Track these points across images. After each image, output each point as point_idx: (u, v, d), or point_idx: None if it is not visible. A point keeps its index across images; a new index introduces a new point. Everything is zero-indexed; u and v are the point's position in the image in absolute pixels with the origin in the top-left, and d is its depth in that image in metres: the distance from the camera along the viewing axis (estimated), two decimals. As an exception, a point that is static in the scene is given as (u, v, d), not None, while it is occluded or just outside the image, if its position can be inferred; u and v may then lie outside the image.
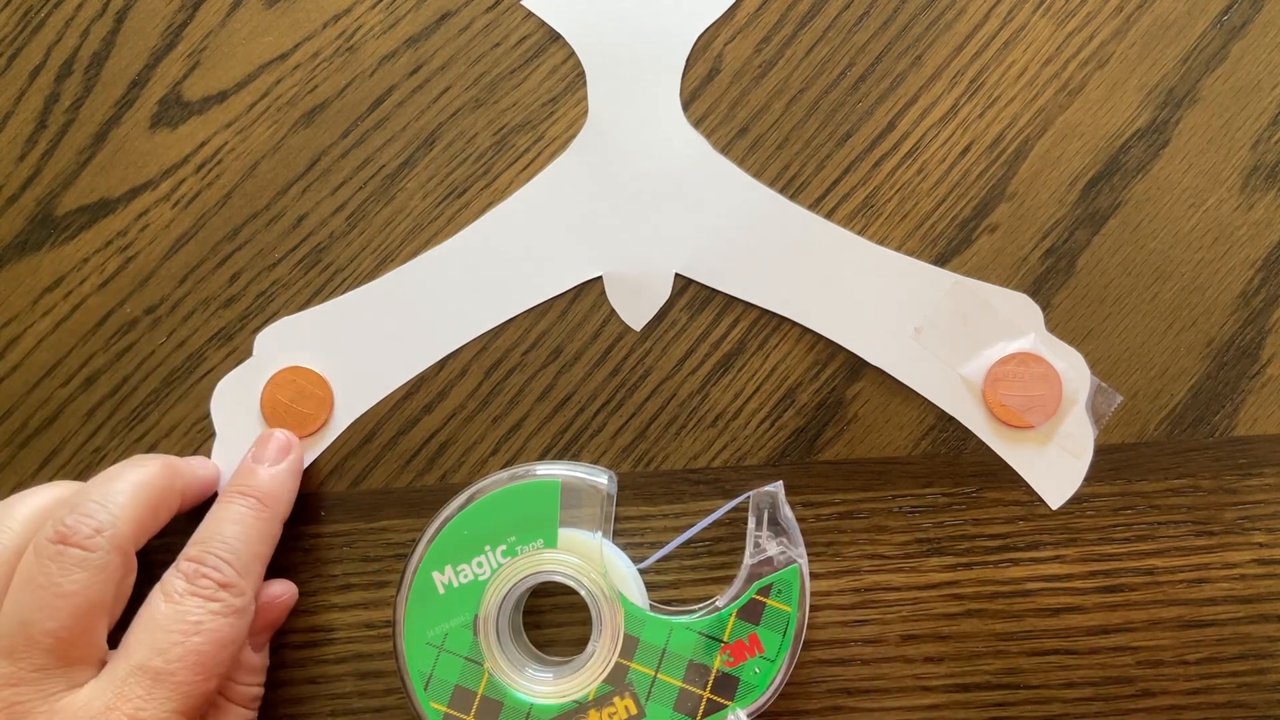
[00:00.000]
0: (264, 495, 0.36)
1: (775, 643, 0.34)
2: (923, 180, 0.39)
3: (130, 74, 0.40)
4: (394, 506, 0.38)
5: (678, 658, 0.35)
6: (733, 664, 0.34)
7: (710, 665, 0.34)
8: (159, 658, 0.32)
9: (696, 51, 0.39)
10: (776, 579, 0.35)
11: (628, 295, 0.39)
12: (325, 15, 0.40)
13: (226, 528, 0.35)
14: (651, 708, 0.34)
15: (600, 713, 0.35)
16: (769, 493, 0.35)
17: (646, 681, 0.35)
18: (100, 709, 0.31)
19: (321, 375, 0.39)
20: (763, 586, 0.35)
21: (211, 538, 0.34)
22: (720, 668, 0.34)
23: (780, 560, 0.35)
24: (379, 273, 0.39)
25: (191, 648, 0.32)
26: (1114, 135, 0.38)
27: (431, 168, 0.39)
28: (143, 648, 0.32)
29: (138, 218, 0.39)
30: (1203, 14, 0.39)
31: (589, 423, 0.38)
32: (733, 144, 0.39)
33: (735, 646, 0.34)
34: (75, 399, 0.39)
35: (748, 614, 0.35)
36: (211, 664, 0.32)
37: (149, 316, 0.39)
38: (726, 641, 0.35)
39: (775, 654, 0.34)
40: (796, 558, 0.35)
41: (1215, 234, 0.38)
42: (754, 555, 0.35)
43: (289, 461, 0.37)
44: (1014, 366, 0.37)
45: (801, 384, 0.38)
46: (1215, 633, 0.37)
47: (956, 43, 0.39)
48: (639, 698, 0.34)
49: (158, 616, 0.33)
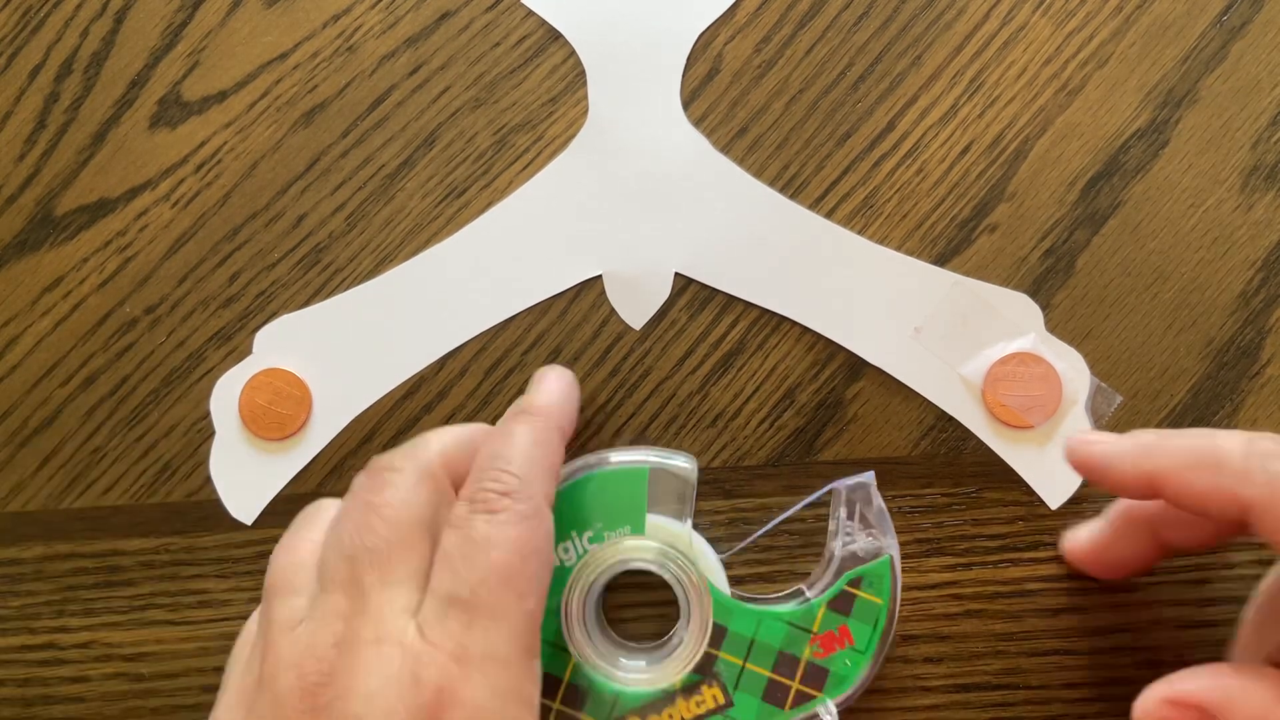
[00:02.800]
0: (533, 408, 0.33)
1: (866, 635, 0.34)
2: (922, 180, 0.39)
3: (130, 74, 0.40)
4: (393, 506, 0.38)
5: (766, 648, 0.34)
6: (822, 655, 0.34)
7: (799, 656, 0.34)
8: (462, 586, 0.29)
9: (696, 51, 0.39)
10: (867, 571, 0.34)
11: (628, 294, 0.39)
12: (325, 15, 0.40)
13: (497, 444, 0.32)
14: (740, 697, 0.34)
15: (688, 701, 0.34)
16: (861, 484, 0.35)
17: (735, 671, 0.34)
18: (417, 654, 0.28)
19: (298, 376, 0.39)
20: (853, 578, 0.34)
21: (485, 459, 0.32)
22: (810, 658, 0.34)
23: (870, 552, 0.35)
24: (378, 272, 0.39)
25: (489, 564, 0.29)
26: (1114, 135, 0.38)
27: (431, 168, 0.39)
28: (443, 583, 0.29)
29: (137, 217, 0.39)
30: (1203, 14, 0.39)
31: (589, 422, 0.38)
32: (733, 144, 0.39)
33: (825, 638, 0.34)
34: (75, 399, 0.39)
35: (839, 605, 0.34)
36: (519, 578, 0.29)
37: (149, 316, 0.39)
38: (816, 633, 0.34)
39: (865, 646, 0.34)
40: (888, 548, 0.35)
41: (1215, 234, 0.38)
42: (844, 546, 0.35)
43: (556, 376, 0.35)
44: (1014, 366, 0.37)
45: (801, 384, 0.38)
46: (1215, 633, 0.37)
47: (956, 43, 0.39)
48: (726, 687, 0.34)
49: (448, 546, 0.30)
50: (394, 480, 0.31)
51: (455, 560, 0.29)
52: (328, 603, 0.29)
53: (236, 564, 0.38)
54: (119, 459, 0.39)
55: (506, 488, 0.30)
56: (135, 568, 0.38)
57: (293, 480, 0.38)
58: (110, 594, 0.38)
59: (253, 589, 0.38)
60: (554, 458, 0.33)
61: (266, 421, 0.38)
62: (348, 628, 0.28)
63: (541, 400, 0.34)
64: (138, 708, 0.38)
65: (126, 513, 0.38)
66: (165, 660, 0.38)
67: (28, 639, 0.38)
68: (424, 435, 0.33)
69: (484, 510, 0.30)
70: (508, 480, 0.31)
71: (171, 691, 0.38)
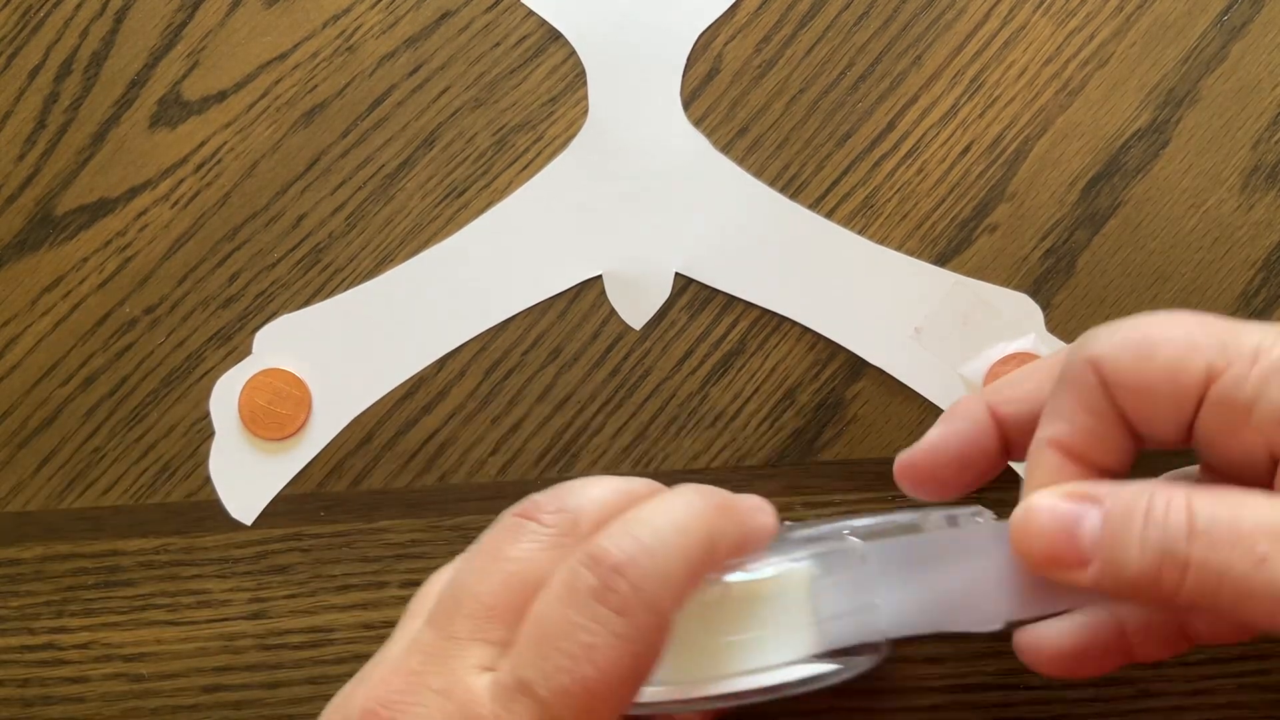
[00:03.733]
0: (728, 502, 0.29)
1: None
2: (923, 180, 0.39)
3: (129, 74, 0.40)
4: (393, 507, 0.38)
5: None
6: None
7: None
8: (543, 682, 0.25)
9: (697, 51, 0.39)
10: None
11: (628, 295, 0.39)
12: (325, 15, 0.40)
13: (662, 515, 0.27)
14: None
15: None
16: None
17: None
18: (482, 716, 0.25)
19: (298, 376, 0.39)
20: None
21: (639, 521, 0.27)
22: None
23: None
24: (378, 272, 0.39)
25: (579, 679, 0.25)
26: (1114, 135, 0.38)
27: (431, 168, 0.39)
28: (525, 662, 0.26)
29: (137, 217, 0.39)
30: (1203, 14, 0.39)
31: (589, 423, 0.38)
32: (733, 144, 0.39)
33: None
34: (74, 399, 0.39)
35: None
36: (604, 707, 0.25)
37: (148, 316, 0.39)
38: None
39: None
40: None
41: (1215, 234, 0.38)
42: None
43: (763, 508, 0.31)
44: (1014, 367, 0.37)
45: (801, 384, 0.38)
46: (1215, 633, 0.37)
47: (956, 42, 0.39)
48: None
49: (549, 616, 0.26)
50: (532, 533, 0.28)
51: (548, 644, 0.26)
52: (421, 635, 0.28)
53: (236, 564, 0.38)
54: (119, 459, 0.39)
55: (641, 578, 0.26)
56: (135, 568, 0.38)
57: (292, 480, 0.38)
58: (110, 594, 0.38)
59: (253, 589, 0.38)
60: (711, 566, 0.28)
61: (266, 421, 0.38)
62: (423, 667, 0.27)
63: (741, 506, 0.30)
64: (137, 708, 0.38)
65: (126, 513, 0.38)
66: (165, 660, 0.38)
67: (27, 639, 0.38)
68: (584, 483, 0.29)
69: (604, 601, 0.26)
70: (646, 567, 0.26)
71: (171, 691, 0.38)
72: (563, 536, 0.28)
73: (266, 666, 0.38)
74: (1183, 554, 0.26)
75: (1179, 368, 0.27)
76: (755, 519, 0.30)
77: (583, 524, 0.28)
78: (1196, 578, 0.26)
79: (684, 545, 0.27)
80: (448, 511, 0.38)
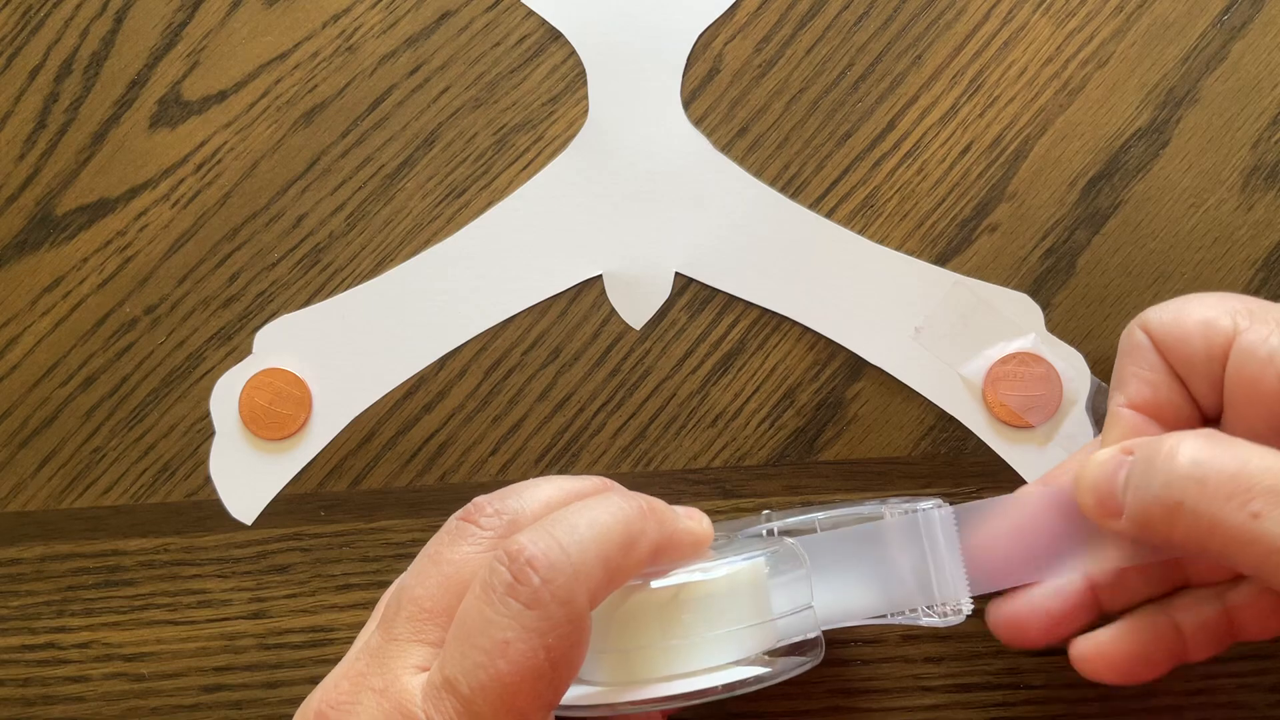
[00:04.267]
0: (654, 506, 0.29)
1: None
2: (923, 180, 0.39)
3: (129, 74, 0.40)
4: (393, 506, 0.38)
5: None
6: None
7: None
8: (464, 678, 0.26)
9: (697, 51, 0.39)
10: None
11: (628, 294, 0.39)
12: (325, 15, 0.40)
13: (581, 515, 0.28)
14: None
15: None
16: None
17: None
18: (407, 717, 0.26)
19: (298, 376, 0.39)
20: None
21: (557, 520, 0.27)
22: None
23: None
24: (378, 272, 0.39)
25: (495, 675, 0.25)
26: (1114, 135, 0.38)
27: (431, 168, 0.39)
28: (450, 661, 0.26)
29: (137, 217, 0.39)
30: (1203, 14, 0.39)
31: (589, 423, 0.38)
32: (733, 143, 0.39)
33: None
34: (74, 399, 0.39)
35: None
36: (522, 700, 0.26)
37: (148, 316, 0.39)
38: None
39: None
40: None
41: (1215, 234, 0.38)
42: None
43: (692, 515, 0.31)
44: (1014, 366, 0.37)
45: (801, 384, 0.38)
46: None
47: (956, 42, 0.39)
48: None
49: (469, 612, 0.26)
50: (471, 536, 0.29)
51: (467, 642, 0.26)
52: (371, 639, 0.29)
53: (236, 564, 0.38)
54: (119, 459, 0.39)
55: (552, 572, 0.26)
56: (135, 568, 0.38)
57: (293, 480, 0.38)
58: (110, 594, 0.38)
59: (252, 589, 0.38)
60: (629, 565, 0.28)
61: (266, 421, 0.38)
62: (367, 668, 0.28)
63: (666, 513, 0.30)
64: (138, 708, 0.38)
65: (126, 513, 0.39)
66: (165, 660, 0.38)
67: (28, 639, 0.38)
68: (532, 483, 0.30)
69: (515, 596, 0.26)
70: (557, 562, 0.26)
71: (171, 691, 0.38)
72: (500, 539, 0.28)
73: (267, 666, 0.38)
74: (1176, 499, 0.28)
75: (1210, 321, 0.31)
76: (681, 523, 0.30)
77: (521, 525, 0.28)
78: (1189, 522, 0.28)
79: (600, 541, 0.27)
80: (448, 511, 0.38)
